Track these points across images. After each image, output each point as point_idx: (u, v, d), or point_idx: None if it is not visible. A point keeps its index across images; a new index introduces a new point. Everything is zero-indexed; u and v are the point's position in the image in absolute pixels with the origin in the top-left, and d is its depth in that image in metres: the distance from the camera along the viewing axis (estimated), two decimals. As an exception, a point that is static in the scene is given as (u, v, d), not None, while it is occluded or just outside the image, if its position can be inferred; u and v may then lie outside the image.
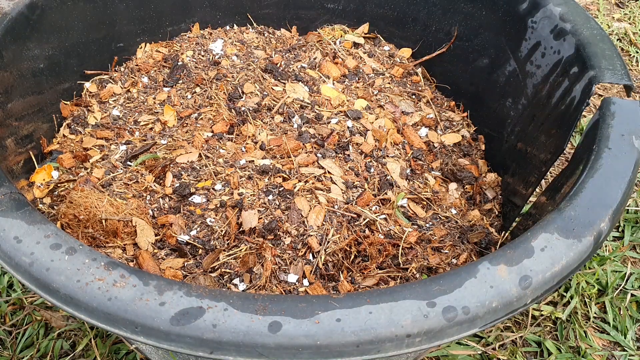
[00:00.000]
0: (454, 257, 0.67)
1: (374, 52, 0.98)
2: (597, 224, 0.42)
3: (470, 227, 0.71)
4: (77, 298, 0.38)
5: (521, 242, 0.41)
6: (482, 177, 0.80)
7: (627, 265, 0.91)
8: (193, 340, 0.37)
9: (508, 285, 0.38)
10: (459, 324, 0.37)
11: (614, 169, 0.46)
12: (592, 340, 0.82)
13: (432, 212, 0.73)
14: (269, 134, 0.79)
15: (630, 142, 0.48)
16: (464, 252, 0.68)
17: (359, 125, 0.82)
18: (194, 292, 0.38)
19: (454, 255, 0.67)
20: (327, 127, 0.80)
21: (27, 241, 0.40)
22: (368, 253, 0.64)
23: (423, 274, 0.65)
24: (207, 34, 0.97)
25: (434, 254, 0.66)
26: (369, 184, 0.74)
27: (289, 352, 0.36)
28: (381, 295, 0.38)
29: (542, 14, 0.73)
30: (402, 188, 0.74)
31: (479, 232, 0.69)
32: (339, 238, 0.66)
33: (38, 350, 0.75)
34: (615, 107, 0.52)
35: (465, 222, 0.72)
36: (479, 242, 0.69)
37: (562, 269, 0.40)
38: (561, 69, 0.69)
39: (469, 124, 0.89)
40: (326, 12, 0.99)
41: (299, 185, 0.71)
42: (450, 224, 0.72)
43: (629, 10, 1.51)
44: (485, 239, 0.69)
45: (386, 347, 0.36)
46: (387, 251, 0.65)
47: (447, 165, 0.80)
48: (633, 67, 1.34)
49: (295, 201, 0.68)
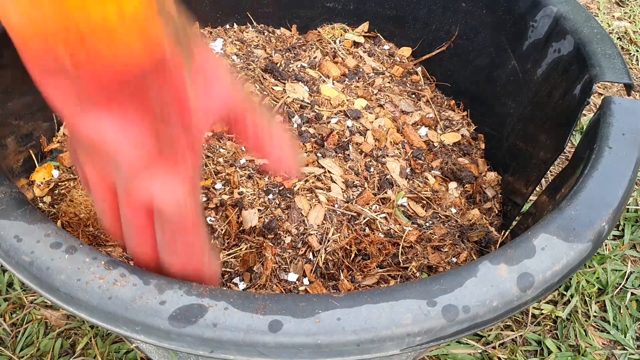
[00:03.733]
0: (454, 256, 0.67)
1: (373, 51, 0.98)
2: (597, 223, 0.42)
3: (470, 226, 0.71)
4: (78, 297, 0.38)
5: (521, 241, 0.41)
6: (482, 176, 0.80)
7: (627, 264, 0.92)
8: (193, 339, 0.37)
9: (508, 285, 0.38)
10: (459, 323, 0.37)
11: (614, 168, 0.46)
12: (592, 339, 0.82)
13: (432, 211, 0.73)
14: None
15: (631, 141, 0.48)
16: (464, 250, 0.68)
17: (359, 124, 0.82)
18: (194, 291, 0.38)
19: (454, 254, 0.67)
20: (327, 126, 0.80)
21: (27, 240, 0.40)
22: (368, 252, 0.64)
23: (423, 273, 0.65)
24: (207, 33, 0.97)
25: (434, 253, 0.66)
26: (368, 183, 0.74)
27: (289, 351, 0.36)
28: (382, 294, 0.38)
29: (542, 13, 0.73)
30: (402, 187, 0.74)
31: (479, 230, 0.70)
32: (339, 237, 0.66)
33: (38, 349, 0.75)
34: (615, 106, 0.52)
35: (465, 221, 0.72)
36: (479, 241, 0.69)
37: (563, 268, 0.40)
38: (561, 68, 0.69)
39: (469, 123, 0.89)
40: (326, 11, 0.99)
41: (299, 184, 0.71)
42: (450, 223, 0.72)
43: (629, 9, 1.51)
44: (485, 238, 0.69)
45: (387, 346, 0.37)
46: (387, 250, 0.65)
47: (447, 164, 0.80)
48: (633, 66, 1.34)
49: (296, 200, 0.68)
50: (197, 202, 0.36)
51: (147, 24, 0.27)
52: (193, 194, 0.35)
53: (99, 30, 0.26)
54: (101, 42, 0.26)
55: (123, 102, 0.29)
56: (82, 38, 0.26)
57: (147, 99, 0.29)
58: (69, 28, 0.25)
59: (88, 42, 0.26)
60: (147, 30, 0.27)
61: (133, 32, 0.27)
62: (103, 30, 0.26)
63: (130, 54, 0.27)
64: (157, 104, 0.30)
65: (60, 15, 0.25)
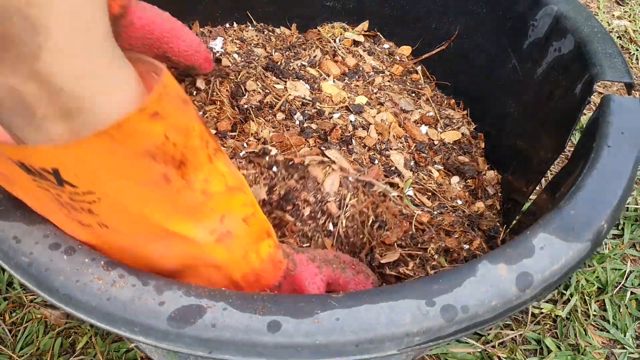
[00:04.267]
0: (466, 243, 0.67)
1: (373, 50, 0.97)
2: (596, 222, 0.42)
3: (479, 216, 0.71)
4: (77, 298, 0.38)
5: (520, 241, 0.41)
6: (482, 175, 0.80)
7: (626, 263, 0.92)
8: (192, 340, 0.37)
9: (507, 284, 0.38)
10: (458, 322, 0.37)
11: (613, 167, 0.46)
12: (591, 338, 0.82)
13: (439, 202, 0.74)
14: (272, 131, 0.79)
15: (630, 140, 0.48)
16: (475, 238, 0.68)
17: (362, 119, 0.82)
18: (193, 291, 0.38)
19: (466, 240, 0.67)
20: (330, 122, 0.80)
21: (26, 241, 0.40)
22: (386, 219, 0.64)
23: (441, 256, 0.65)
24: (207, 32, 0.97)
25: (449, 238, 0.67)
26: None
27: (288, 351, 0.36)
28: (380, 294, 0.38)
29: (543, 12, 0.73)
30: (407, 178, 0.74)
31: (488, 220, 0.70)
32: (357, 201, 0.66)
33: (38, 348, 0.75)
34: (614, 105, 0.52)
35: (473, 212, 0.72)
36: (487, 231, 0.69)
37: (562, 267, 0.40)
38: (562, 67, 0.68)
39: (469, 122, 0.89)
40: (326, 10, 0.99)
41: (308, 159, 0.70)
42: (457, 213, 0.72)
43: (629, 8, 1.51)
44: (494, 228, 0.69)
45: (385, 346, 0.36)
46: (405, 226, 0.65)
47: (449, 159, 0.80)
48: (633, 65, 1.34)
49: (310, 169, 0.68)
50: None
51: (276, 254, 0.45)
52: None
53: (256, 272, 0.43)
54: (256, 278, 0.44)
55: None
56: (253, 274, 0.43)
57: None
58: (246, 272, 0.43)
59: (251, 276, 0.43)
60: (278, 261, 0.45)
61: (271, 269, 0.44)
62: (254, 280, 0.43)
63: (271, 279, 0.45)
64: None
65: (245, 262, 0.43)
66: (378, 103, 0.87)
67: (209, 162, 0.37)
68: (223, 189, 0.38)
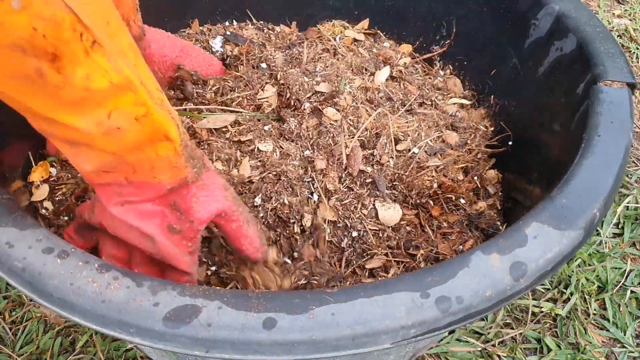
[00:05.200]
0: (461, 244, 0.67)
1: (374, 49, 0.97)
2: (589, 210, 0.42)
3: (479, 215, 0.71)
4: (71, 301, 0.38)
5: (513, 230, 0.41)
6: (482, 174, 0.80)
7: (626, 262, 0.91)
8: (188, 340, 0.37)
9: (501, 274, 0.38)
10: (453, 313, 0.37)
11: (604, 156, 0.46)
12: (591, 336, 0.82)
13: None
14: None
15: (619, 128, 0.49)
16: (470, 239, 0.67)
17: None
18: (188, 291, 0.38)
19: (461, 241, 0.67)
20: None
21: (19, 246, 0.40)
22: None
23: (428, 264, 0.65)
24: (206, 30, 0.97)
25: (443, 243, 0.66)
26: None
27: (284, 347, 0.36)
28: (375, 288, 0.38)
29: (544, 12, 0.72)
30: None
31: (487, 219, 0.70)
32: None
33: (37, 347, 0.75)
34: (603, 95, 0.53)
35: (473, 211, 0.72)
36: (486, 229, 0.69)
37: (555, 256, 0.40)
38: (564, 67, 0.68)
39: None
40: (326, 8, 0.99)
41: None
42: (459, 211, 0.72)
43: (630, 7, 1.52)
44: (493, 227, 0.69)
45: (381, 339, 0.36)
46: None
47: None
48: (633, 64, 1.34)
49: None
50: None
51: (177, 160, 0.44)
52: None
53: (146, 166, 0.43)
54: (146, 173, 0.44)
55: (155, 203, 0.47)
56: (134, 171, 0.43)
57: (169, 202, 0.47)
58: (126, 169, 0.43)
59: (138, 173, 0.43)
60: (176, 166, 0.45)
61: (167, 167, 0.44)
62: (149, 167, 0.43)
63: (164, 179, 0.45)
64: (174, 205, 0.48)
65: (120, 161, 0.42)
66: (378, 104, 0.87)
67: (85, 55, 0.35)
68: (106, 86, 0.37)
